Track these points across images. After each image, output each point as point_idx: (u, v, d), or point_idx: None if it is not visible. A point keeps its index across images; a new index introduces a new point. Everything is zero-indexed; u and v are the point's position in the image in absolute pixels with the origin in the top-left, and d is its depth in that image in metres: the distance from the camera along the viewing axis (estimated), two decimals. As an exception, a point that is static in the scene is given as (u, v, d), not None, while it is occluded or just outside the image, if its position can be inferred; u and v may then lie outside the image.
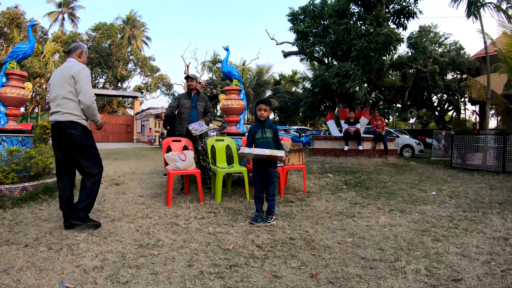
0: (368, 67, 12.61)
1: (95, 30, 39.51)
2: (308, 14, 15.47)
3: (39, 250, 3.46)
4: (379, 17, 12.59)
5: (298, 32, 15.22)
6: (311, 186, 7.42)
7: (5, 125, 6.52)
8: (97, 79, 42.90)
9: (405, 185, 7.78)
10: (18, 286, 2.71)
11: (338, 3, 13.22)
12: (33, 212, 4.97)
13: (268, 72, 43.13)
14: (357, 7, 13.78)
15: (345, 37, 12.63)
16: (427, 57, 20.06)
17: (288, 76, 42.92)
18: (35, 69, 23.04)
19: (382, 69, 14.44)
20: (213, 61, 40.76)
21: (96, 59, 38.45)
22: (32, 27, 7.05)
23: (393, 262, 3.13)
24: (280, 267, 3.03)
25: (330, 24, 14.39)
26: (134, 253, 3.36)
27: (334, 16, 13.37)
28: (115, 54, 38.04)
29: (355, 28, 12.41)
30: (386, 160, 11.62)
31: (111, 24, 40.11)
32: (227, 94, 7.83)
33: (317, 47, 15.44)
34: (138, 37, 47.01)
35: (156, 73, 42.01)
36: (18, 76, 6.65)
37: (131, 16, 46.60)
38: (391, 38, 11.64)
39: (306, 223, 4.41)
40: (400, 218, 4.76)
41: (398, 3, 13.61)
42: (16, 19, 31.70)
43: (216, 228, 4.17)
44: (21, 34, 30.54)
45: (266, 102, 4.64)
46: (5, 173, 5.76)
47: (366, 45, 11.88)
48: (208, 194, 6.18)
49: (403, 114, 43.94)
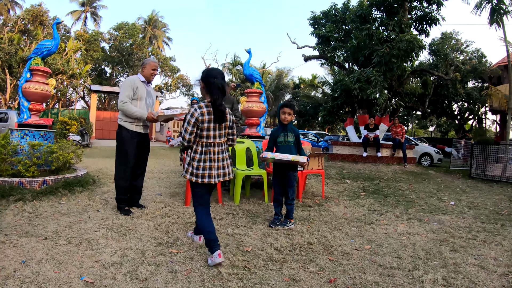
0: (390, 74, 12.49)
1: (117, 30, 39.94)
2: (329, 19, 15.43)
3: (58, 243, 3.52)
4: (402, 23, 12.49)
5: (320, 36, 15.19)
6: (329, 191, 7.43)
7: (28, 120, 6.64)
8: (118, 78, 43.41)
9: (423, 194, 7.74)
10: (37, 278, 2.76)
11: (361, 8, 13.18)
12: (52, 205, 5.06)
13: (288, 75, 42.91)
14: (379, 12, 13.70)
15: (367, 42, 12.57)
16: (448, 64, 19.85)
17: (307, 80, 42.75)
18: (58, 66, 23.45)
19: (403, 75, 14.29)
20: (233, 63, 40.79)
21: (117, 58, 38.84)
22: (57, 25, 7.18)
23: (411, 271, 3.14)
24: (298, 271, 3.06)
25: (351, 29, 14.33)
26: (153, 250, 3.41)
27: (356, 21, 13.32)
28: (136, 54, 38.39)
29: (377, 34, 12.33)
30: (404, 168, 11.52)
31: (133, 24, 40.49)
32: (248, 97, 7.85)
33: (338, 52, 15.37)
34: (159, 38, 47.38)
35: (176, 73, 42.25)
36: (42, 72, 6.75)
37: (152, 17, 47.02)
38: (413, 45, 11.54)
39: (324, 228, 4.44)
40: (418, 227, 4.76)
41: (420, 10, 13.46)
42: (40, 17, 32.23)
43: (234, 229, 4.21)
44: (44, 32, 31.03)
45: (291, 106, 4.65)
46: (26, 166, 5.88)
47: (388, 51, 11.78)
48: (226, 195, 6.21)
49: (422, 121, 43.39)
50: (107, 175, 7.95)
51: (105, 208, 5.09)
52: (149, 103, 4.98)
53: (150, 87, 5.15)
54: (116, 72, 42.17)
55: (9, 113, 14.67)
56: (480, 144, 11.43)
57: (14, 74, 25.79)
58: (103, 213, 4.79)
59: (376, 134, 12.32)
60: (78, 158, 7.09)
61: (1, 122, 14.39)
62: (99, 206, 5.20)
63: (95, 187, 6.52)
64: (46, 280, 2.72)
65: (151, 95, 5.09)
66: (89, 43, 35.60)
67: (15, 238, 3.62)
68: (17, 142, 6.33)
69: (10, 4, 39.34)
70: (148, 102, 4.98)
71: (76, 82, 28.43)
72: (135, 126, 4.82)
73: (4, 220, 4.31)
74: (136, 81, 4.86)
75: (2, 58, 24.63)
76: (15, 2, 40.01)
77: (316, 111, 29.40)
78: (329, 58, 15.34)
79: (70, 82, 28.24)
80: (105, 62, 40.46)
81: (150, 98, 5.05)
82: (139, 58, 37.85)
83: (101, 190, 6.38)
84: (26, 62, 24.08)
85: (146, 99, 4.94)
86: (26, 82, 6.62)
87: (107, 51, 40.19)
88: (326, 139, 20.93)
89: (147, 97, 4.97)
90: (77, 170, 6.96)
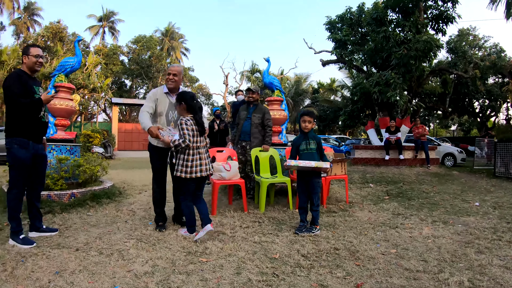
0: (409, 75, 12.43)
1: (135, 43, 40.68)
2: (345, 22, 15.36)
3: (90, 254, 3.61)
4: (418, 24, 12.43)
5: (336, 40, 15.12)
6: (353, 196, 7.45)
7: (54, 135, 6.79)
8: (138, 90, 44.10)
9: (447, 195, 7.70)
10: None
11: (376, 11, 13.15)
12: (81, 217, 5.19)
13: (306, 81, 42.78)
14: (394, 14, 13.62)
15: (384, 45, 12.51)
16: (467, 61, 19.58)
17: (326, 85, 42.53)
18: (79, 80, 24.02)
19: (422, 76, 14.19)
20: (251, 71, 41.00)
21: (136, 70, 39.52)
22: (79, 42, 7.36)
23: (437, 274, 3.18)
24: (326, 277, 3.11)
25: (368, 32, 14.27)
26: (183, 259, 3.48)
27: (372, 24, 13.30)
28: (155, 66, 38.98)
29: (394, 36, 12.29)
30: (427, 170, 11.43)
31: (151, 37, 41.16)
32: (269, 105, 7.89)
33: (356, 55, 15.32)
34: (177, 49, 47.96)
35: (195, 83, 42.76)
36: (66, 89, 6.95)
37: (169, 28, 47.63)
38: (431, 45, 11.47)
39: (349, 234, 4.48)
40: (443, 230, 4.77)
41: (436, 8, 13.36)
42: (59, 33, 33.14)
43: (261, 237, 4.27)
44: (64, 48, 31.83)
45: (310, 114, 4.72)
46: (54, 180, 6.03)
47: (406, 52, 11.73)
48: (251, 203, 6.26)
49: (444, 121, 42.71)
50: (132, 187, 8.14)
51: (133, 219, 5.22)
52: (171, 117, 4.68)
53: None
54: (136, 84, 42.92)
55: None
56: (504, 141, 11.27)
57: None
58: (131, 224, 4.92)
59: (397, 136, 12.25)
60: (104, 171, 7.24)
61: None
62: (127, 217, 5.35)
63: (122, 199, 6.69)
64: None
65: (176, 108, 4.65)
66: (108, 57, 36.35)
67: (47, 249, 3.74)
68: (44, 156, 6.52)
69: (30, 22, 40.63)
70: (171, 116, 4.68)
71: (97, 95, 29.02)
72: (153, 140, 4.63)
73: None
74: (157, 93, 4.66)
75: (24, 74, 25.25)
76: (34, 20, 41.23)
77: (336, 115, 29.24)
78: (347, 62, 15.31)
79: (91, 95, 28.83)
80: (124, 75, 41.29)
81: (175, 111, 4.66)
82: (158, 69, 38.44)
83: (128, 201, 6.54)
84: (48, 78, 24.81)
85: (168, 113, 4.65)
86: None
87: (126, 64, 41.01)
88: (348, 143, 20.84)
89: (170, 110, 4.66)
90: (103, 182, 7.12)
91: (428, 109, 20.88)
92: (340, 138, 24.21)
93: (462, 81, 20.35)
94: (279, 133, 7.88)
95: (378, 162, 12.32)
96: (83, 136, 18.02)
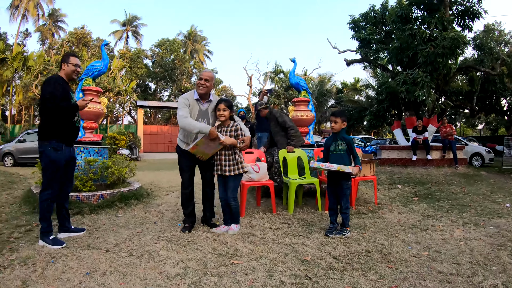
0: (436, 73, 12.20)
1: (158, 46, 41.25)
2: (369, 21, 15.23)
3: (120, 255, 3.64)
4: (444, 20, 12.18)
5: (361, 39, 15.02)
6: (381, 197, 7.42)
7: (83, 137, 6.91)
8: (162, 93, 44.65)
9: (477, 196, 7.58)
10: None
11: (400, 8, 12.97)
12: (110, 218, 5.28)
13: (330, 81, 42.39)
14: (419, 10, 13.42)
15: (409, 43, 12.34)
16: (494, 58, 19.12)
17: (350, 85, 42.16)
18: (104, 84, 24.55)
19: (449, 74, 13.93)
20: (275, 71, 40.96)
21: (160, 73, 40.01)
22: (105, 46, 7.47)
23: (470, 277, 3.15)
24: (359, 279, 3.10)
25: (392, 30, 14.10)
26: (214, 261, 3.48)
27: (397, 22, 13.08)
28: (179, 68, 39.38)
29: (420, 33, 12.08)
30: (455, 170, 11.21)
31: (174, 40, 41.64)
32: (296, 106, 7.91)
33: (381, 54, 15.18)
34: (200, 51, 48.36)
35: (219, 85, 42.94)
36: (93, 92, 7.04)
37: (192, 31, 48.05)
38: (457, 42, 11.21)
39: (380, 236, 4.47)
40: (474, 232, 4.71)
41: (461, 4, 13.08)
42: (84, 39, 34.03)
43: (292, 239, 4.28)
44: (89, 52, 32.57)
45: (336, 114, 4.69)
46: (83, 181, 6.14)
47: (433, 50, 11.55)
48: (279, 205, 6.27)
49: (471, 120, 41.82)
50: (159, 188, 8.23)
51: (162, 220, 5.28)
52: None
53: (207, 105, 4.70)
54: (160, 87, 43.48)
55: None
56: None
57: (64, 93, 27.09)
58: (160, 225, 4.97)
59: (425, 136, 12.04)
60: (132, 172, 7.36)
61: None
62: (156, 218, 5.41)
63: (150, 200, 6.77)
64: (112, 292, 2.87)
65: (206, 116, 4.65)
66: (133, 61, 36.98)
67: (77, 250, 3.79)
68: (72, 158, 6.66)
69: (54, 29, 41.74)
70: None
71: (123, 98, 29.56)
72: (185, 145, 4.62)
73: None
74: (188, 99, 4.56)
75: (51, 79, 25.98)
76: (58, 26, 42.31)
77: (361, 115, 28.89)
78: (371, 61, 15.18)
79: (116, 99, 29.37)
80: (149, 78, 41.96)
81: (204, 119, 4.62)
82: (182, 72, 38.85)
83: (156, 202, 6.62)
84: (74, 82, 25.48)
85: (198, 120, 4.55)
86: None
87: (150, 67, 41.62)
88: (373, 144, 20.63)
89: (200, 118, 4.59)
90: (131, 184, 7.19)
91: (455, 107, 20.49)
92: (365, 139, 23.98)
93: (489, 78, 19.89)
94: (306, 134, 7.88)
95: (405, 163, 12.14)
96: (109, 138, 18.29)
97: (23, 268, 3.32)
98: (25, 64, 28.59)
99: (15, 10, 38.90)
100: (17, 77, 33.03)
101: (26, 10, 39.09)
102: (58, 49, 33.84)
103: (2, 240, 4.27)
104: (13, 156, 14.92)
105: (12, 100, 34.51)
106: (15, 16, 39.01)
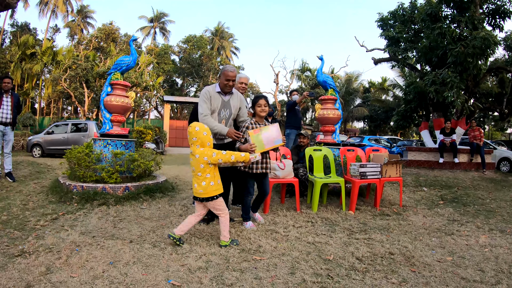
0: (465, 74, 11.91)
1: (185, 42, 41.67)
2: (398, 19, 14.95)
3: (144, 247, 3.72)
4: (474, 19, 11.83)
5: (389, 38, 14.79)
6: (406, 199, 7.34)
7: (110, 130, 7.06)
8: (189, 88, 45.07)
9: (504, 202, 7.39)
10: (125, 279, 2.94)
11: (430, 6, 12.68)
12: (135, 210, 5.39)
13: (357, 79, 41.93)
14: (449, 9, 13.07)
15: (439, 42, 12.08)
16: (526, 59, 18.52)
17: (377, 84, 41.68)
18: (132, 79, 24.97)
19: (479, 74, 13.58)
20: (301, 69, 40.77)
21: (187, 69, 40.44)
22: (133, 41, 7.54)
23: (494, 285, 3.11)
24: (381, 282, 3.09)
25: (422, 29, 13.78)
26: (237, 257, 3.52)
27: (426, 20, 12.78)
28: (206, 65, 39.69)
29: (450, 32, 11.78)
30: (483, 175, 10.95)
31: (201, 36, 41.97)
32: (322, 104, 7.88)
33: (409, 53, 14.90)
34: (227, 48, 48.65)
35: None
36: (122, 86, 7.19)
37: (219, 28, 48.35)
38: (488, 42, 10.87)
39: (404, 238, 4.43)
40: (500, 239, 4.63)
41: (492, 3, 12.71)
42: (112, 34, 34.74)
43: (315, 237, 4.29)
44: (117, 48, 33.16)
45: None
46: (110, 173, 6.32)
47: (463, 50, 11.27)
48: (303, 203, 6.29)
49: (499, 123, 40.70)
50: (184, 182, 8.32)
51: (186, 214, 5.33)
52: (223, 115, 4.79)
53: (229, 97, 4.87)
54: (187, 83, 43.94)
55: (89, 124, 15.57)
56: None
57: (91, 88, 27.83)
58: (184, 218, 5.07)
59: (452, 138, 11.81)
60: (158, 166, 7.47)
61: (82, 131, 15.37)
62: (180, 211, 5.49)
63: (174, 194, 6.89)
64: (134, 282, 2.91)
65: (228, 107, 4.83)
66: (160, 57, 37.54)
67: (101, 240, 3.91)
68: (100, 151, 6.77)
69: (83, 24, 42.73)
70: (223, 114, 4.78)
71: (150, 93, 29.98)
72: (214, 140, 4.67)
73: (90, 223, 4.69)
74: (210, 91, 4.71)
75: (80, 73, 26.71)
76: (87, 22, 43.30)
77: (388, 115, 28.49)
78: (400, 60, 14.94)
79: (143, 93, 29.80)
80: (176, 74, 42.43)
81: (227, 109, 4.81)
82: (209, 68, 39.19)
83: (180, 196, 6.71)
84: (102, 76, 25.99)
85: (221, 111, 4.75)
86: (107, 95, 7.06)
87: (177, 63, 42.14)
88: (399, 145, 20.32)
89: (222, 108, 4.77)
90: (156, 177, 7.33)
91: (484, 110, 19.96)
92: (392, 139, 23.65)
93: (521, 80, 19.30)
94: (333, 132, 7.84)
95: (432, 165, 11.93)
96: (135, 132, 18.62)
97: (48, 255, 3.45)
98: (54, 59, 29.39)
99: (44, 6, 40.04)
100: (47, 71, 33.99)
101: (55, 6, 40.14)
102: (86, 44, 34.59)
103: (29, 227, 4.46)
104: (41, 147, 15.28)
105: (42, 93, 35.44)
106: (44, 12, 40.28)
